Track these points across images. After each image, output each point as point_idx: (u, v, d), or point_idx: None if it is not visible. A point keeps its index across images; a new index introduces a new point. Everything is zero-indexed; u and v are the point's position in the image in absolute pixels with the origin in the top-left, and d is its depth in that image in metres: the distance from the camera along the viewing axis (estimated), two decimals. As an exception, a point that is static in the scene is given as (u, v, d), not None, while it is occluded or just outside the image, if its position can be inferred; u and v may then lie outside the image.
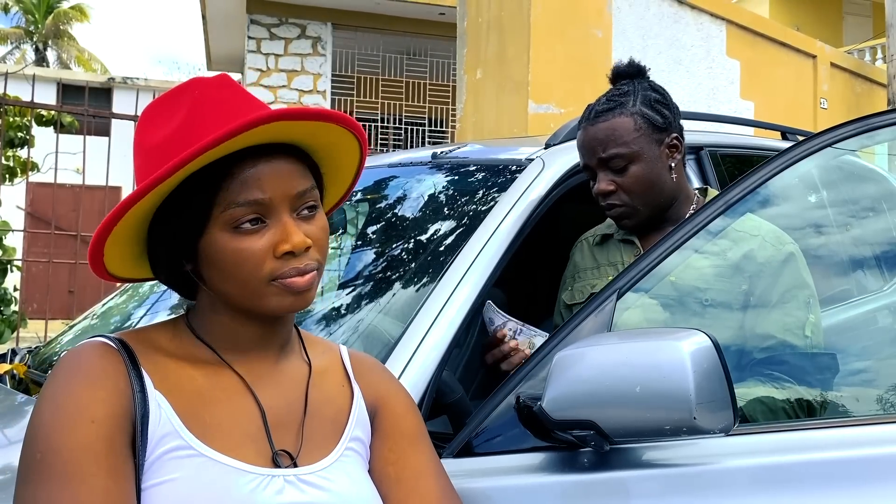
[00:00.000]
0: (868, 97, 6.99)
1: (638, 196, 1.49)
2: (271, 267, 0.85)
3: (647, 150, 1.49)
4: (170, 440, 0.80)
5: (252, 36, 10.86)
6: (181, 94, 0.88)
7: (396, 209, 1.93)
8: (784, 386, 1.28)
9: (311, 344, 1.00)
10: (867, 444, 1.06)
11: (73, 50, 22.72)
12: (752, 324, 1.38)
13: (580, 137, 1.56)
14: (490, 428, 1.17)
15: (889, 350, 1.49)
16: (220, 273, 0.86)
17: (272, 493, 0.82)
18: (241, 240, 0.84)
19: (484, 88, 5.56)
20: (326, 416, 0.93)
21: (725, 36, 5.85)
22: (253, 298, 0.86)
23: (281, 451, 0.86)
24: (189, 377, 0.87)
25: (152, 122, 0.88)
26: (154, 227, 0.88)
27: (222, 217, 0.83)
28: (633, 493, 1.08)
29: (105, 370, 0.81)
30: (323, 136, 0.90)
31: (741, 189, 1.24)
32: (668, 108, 1.55)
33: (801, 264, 1.42)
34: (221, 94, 0.87)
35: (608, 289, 1.20)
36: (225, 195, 0.83)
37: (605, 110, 1.53)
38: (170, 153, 0.83)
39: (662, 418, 0.99)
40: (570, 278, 1.66)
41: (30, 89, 4.83)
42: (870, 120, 1.26)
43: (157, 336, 0.90)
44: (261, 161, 0.84)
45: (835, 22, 15.19)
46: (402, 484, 0.93)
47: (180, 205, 0.84)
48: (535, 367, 1.17)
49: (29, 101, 4.92)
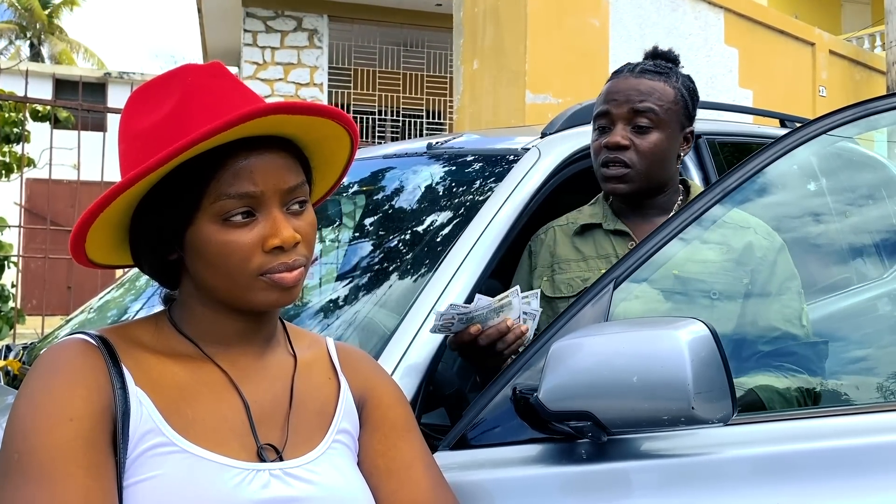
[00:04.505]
0: (867, 84, 6.97)
1: (646, 163, 1.46)
2: (260, 261, 0.84)
3: (673, 127, 1.48)
4: (151, 437, 0.79)
5: (248, 29, 10.82)
6: (171, 80, 0.86)
7: (392, 200, 1.92)
8: (792, 375, 1.28)
9: (297, 337, 0.99)
10: (867, 433, 1.05)
11: (62, 44, 22.51)
12: (752, 314, 1.37)
13: (615, 84, 1.50)
14: (487, 420, 1.16)
15: (889, 338, 1.48)
16: (206, 265, 0.85)
17: (257, 488, 0.81)
18: (229, 232, 0.83)
19: (481, 79, 5.54)
20: (313, 409, 0.92)
21: (723, 24, 5.83)
22: (239, 292, 0.85)
23: (266, 445, 0.85)
24: (171, 372, 0.85)
25: (140, 107, 0.86)
26: (140, 215, 0.86)
27: (212, 208, 0.82)
28: (632, 484, 1.07)
29: (84, 367, 0.80)
30: (316, 130, 0.89)
31: (738, 176, 1.23)
32: (696, 102, 1.56)
33: (789, 255, 1.42)
34: (214, 83, 0.85)
35: (604, 278, 1.19)
36: (216, 186, 0.82)
37: (653, 71, 1.50)
38: (160, 141, 0.81)
39: (660, 408, 0.98)
40: (547, 269, 1.55)
41: (24, 84, 4.80)
42: (866, 105, 1.24)
43: (138, 332, 0.89)
44: (253, 154, 0.83)
45: (833, 9, 15.15)
46: (392, 476, 0.92)
47: (169, 194, 0.83)
48: (531, 357, 1.16)
49: (23, 95, 4.90)
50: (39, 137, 6.31)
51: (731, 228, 1.39)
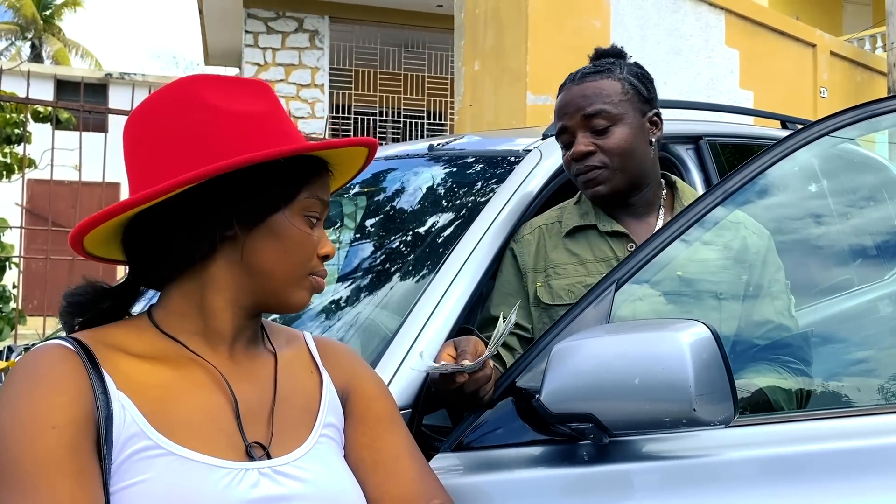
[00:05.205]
0: (868, 86, 6.97)
1: (617, 159, 1.45)
2: (315, 261, 0.93)
3: (631, 116, 1.47)
4: (136, 441, 0.79)
5: (249, 30, 10.82)
6: (254, 84, 0.93)
7: (393, 202, 1.92)
8: (794, 372, 1.28)
9: (275, 333, 1.00)
10: (869, 435, 1.05)
11: (59, 44, 22.43)
12: (750, 310, 1.38)
13: (562, 99, 1.51)
14: (488, 421, 1.16)
15: (892, 340, 1.47)
16: (279, 249, 0.89)
17: (247, 487, 0.81)
18: (307, 227, 0.91)
19: (482, 80, 5.54)
20: (297, 405, 0.92)
21: (724, 25, 5.83)
22: (288, 283, 0.91)
23: (253, 444, 0.85)
24: (154, 373, 0.85)
25: (228, 90, 0.90)
26: (204, 190, 0.85)
27: (305, 202, 0.90)
28: (633, 486, 1.07)
29: (64, 374, 0.79)
30: (346, 154, 0.97)
31: (740, 178, 1.23)
32: (651, 84, 1.54)
33: (774, 246, 1.44)
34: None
35: (606, 280, 1.18)
36: (311, 186, 0.91)
37: (592, 72, 1.51)
38: (267, 129, 0.88)
39: (662, 410, 0.98)
40: (540, 273, 1.49)
41: (26, 85, 4.80)
42: (868, 107, 1.24)
43: (117, 335, 0.87)
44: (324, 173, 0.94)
45: (834, 10, 15.14)
46: (378, 468, 0.93)
47: (266, 177, 0.87)
48: (533, 359, 1.16)
49: (24, 97, 4.90)
50: (41, 138, 6.31)
51: (725, 227, 1.39)
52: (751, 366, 1.30)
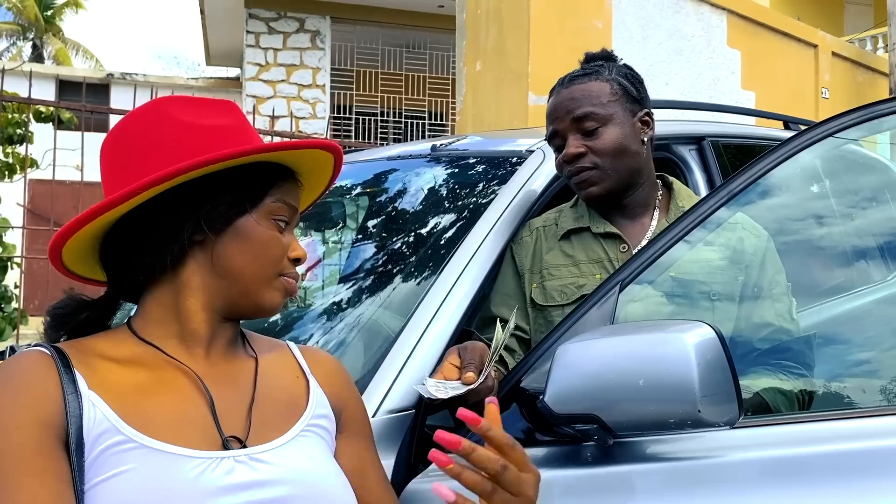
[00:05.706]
0: (870, 86, 6.97)
1: (609, 159, 1.45)
2: (285, 263, 0.94)
3: (621, 117, 1.47)
4: (108, 437, 0.80)
5: (250, 30, 10.84)
6: (222, 103, 0.96)
7: (396, 202, 1.92)
8: (793, 374, 1.28)
9: (257, 341, 1.02)
10: (873, 437, 1.04)
11: (59, 44, 22.41)
12: (750, 312, 1.38)
13: (552, 103, 1.53)
14: (492, 422, 1.16)
15: (893, 341, 1.47)
16: (247, 250, 0.91)
17: (221, 474, 0.82)
18: (275, 231, 0.94)
19: (484, 81, 5.54)
20: (281, 401, 0.94)
21: (726, 26, 5.83)
22: (259, 284, 0.92)
23: (230, 437, 0.86)
24: (129, 375, 0.87)
25: (196, 108, 0.93)
26: (172, 196, 0.88)
27: (271, 206, 0.93)
28: (637, 488, 1.07)
29: (31, 377, 0.81)
30: (310, 160, 0.99)
31: (744, 179, 1.23)
32: (641, 85, 1.55)
33: (774, 248, 1.43)
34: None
35: (610, 280, 1.18)
36: (278, 190, 0.94)
37: (580, 75, 1.52)
38: (235, 138, 0.92)
39: (666, 411, 0.98)
40: (535, 274, 1.50)
41: (28, 85, 4.80)
42: (871, 109, 1.24)
43: (97, 343, 0.90)
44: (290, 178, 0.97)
45: (835, 11, 15.14)
46: (351, 477, 0.95)
47: (228, 182, 0.90)
48: (537, 360, 1.16)
49: (26, 97, 4.90)
50: (42, 138, 6.32)
51: (724, 228, 1.39)
52: (751, 370, 1.30)
